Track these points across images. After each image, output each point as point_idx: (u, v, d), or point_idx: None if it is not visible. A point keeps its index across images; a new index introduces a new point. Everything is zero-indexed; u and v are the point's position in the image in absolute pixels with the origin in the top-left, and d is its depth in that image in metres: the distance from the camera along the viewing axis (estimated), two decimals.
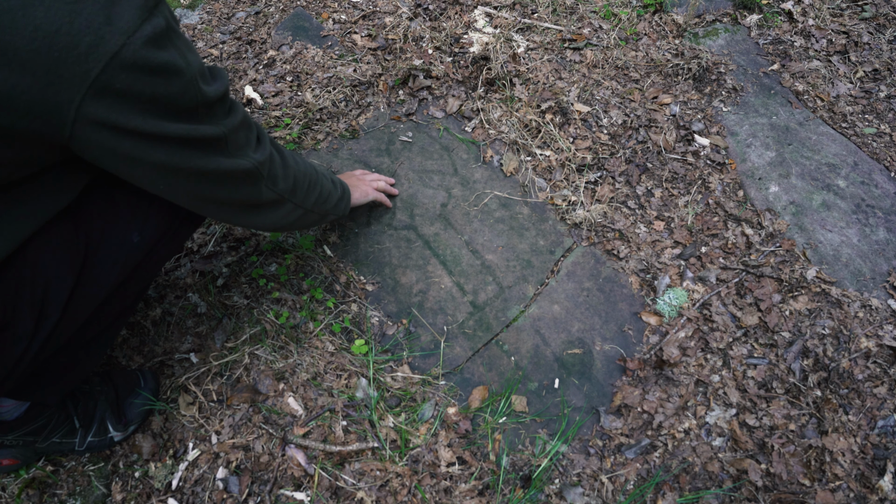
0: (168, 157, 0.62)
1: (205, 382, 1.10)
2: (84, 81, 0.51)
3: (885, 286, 1.25)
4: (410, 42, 1.66)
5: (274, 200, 0.82)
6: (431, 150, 1.47)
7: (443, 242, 1.32)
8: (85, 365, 0.87)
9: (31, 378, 0.80)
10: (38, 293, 0.66)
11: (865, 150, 1.50)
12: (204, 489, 1.00)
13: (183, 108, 0.60)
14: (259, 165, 0.74)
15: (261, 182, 0.77)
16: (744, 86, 1.62)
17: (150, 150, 0.60)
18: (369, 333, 1.19)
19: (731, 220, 1.36)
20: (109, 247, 0.73)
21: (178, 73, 0.57)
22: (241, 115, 0.71)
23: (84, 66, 0.51)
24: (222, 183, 0.72)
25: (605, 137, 1.48)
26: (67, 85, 0.51)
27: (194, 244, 1.28)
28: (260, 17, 1.80)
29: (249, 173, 0.74)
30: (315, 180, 0.93)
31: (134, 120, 0.56)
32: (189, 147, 0.63)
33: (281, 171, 0.81)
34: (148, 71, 0.54)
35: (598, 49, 1.68)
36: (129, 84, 0.54)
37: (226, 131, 0.67)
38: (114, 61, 0.52)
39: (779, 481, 1.01)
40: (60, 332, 0.72)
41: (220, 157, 0.68)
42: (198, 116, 0.62)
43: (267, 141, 0.79)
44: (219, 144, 0.67)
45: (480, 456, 1.06)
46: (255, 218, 0.84)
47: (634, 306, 1.24)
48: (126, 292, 0.82)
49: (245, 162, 0.72)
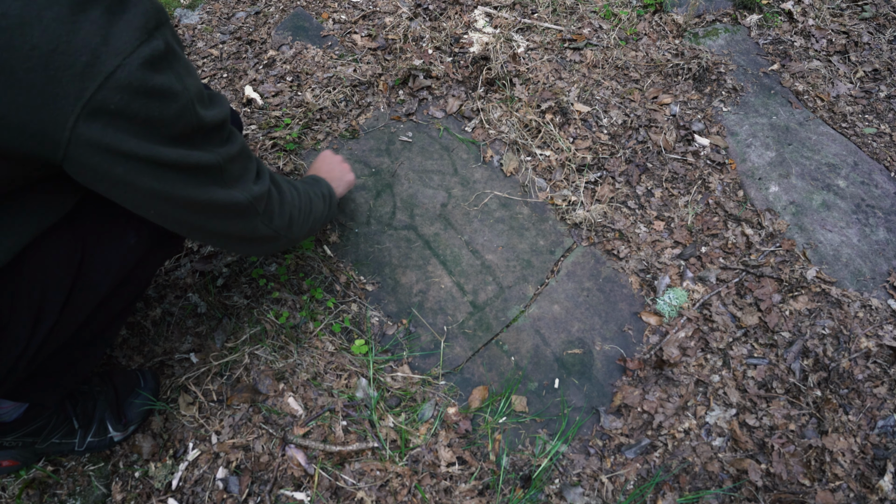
0: (160, 184, 0.61)
1: (205, 382, 1.10)
2: (79, 101, 0.51)
3: (885, 286, 1.25)
4: (410, 42, 1.66)
5: (268, 237, 0.80)
6: (431, 150, 1.47)
7: (443, 242, 1.32)
8: (83, 366, 0.87)
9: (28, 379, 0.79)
10: (35, 297, 0.66)
11: (865, 150, 1.50)
12: (204, 489, 1.00)
13: (178, 133, 0.59)
14: (255, 201, 0.72)
15: (256, 218, 0.75)
16: (744, 86, 1.62)
17: (142, 174, 0.59)
18: (369, 333, 1.19)
19: (731, 220, 1.36)
20: (106, 249, 0.73)
21: (173, 97, 0.56)
22: (240, 145, 0.69)
23: (79, 86, 0.50)
24: (215, 215, 0.69)
25: (605, 137, 1.48)
26: (62, 104, 0.51)
27: (194, 244, 1.28)
28: (260, 17, 1.80)
29: (244, 208, 0.71)
30: (309, 208, 0.90)
31: (127, 142, 0.56)
32: (182, 173, 0.62)
33: (277, 207, 0.79)
34: (143, 93, 0.54)
35: (598, 49, 1.68)
36: (124, 105, 0.53)
37: (221, 160, 0.65)
38: (108, 81, 0.51)
39: (779, 481, 1.01)
40: (58, 335, 0.71)
41: (215, 186, 0.66)
42: (192, 142, 0.61)
43: (267, 175, 0.77)
44: (213, 173, 0.65)
45: (480, 456, 1.06)
46: (246, 248, 0.82)
47: (634, 306, 1.24)
48: (123, 293, 0.81)
49: (240, 195, 0.69)
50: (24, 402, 0.86)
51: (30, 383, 0.80)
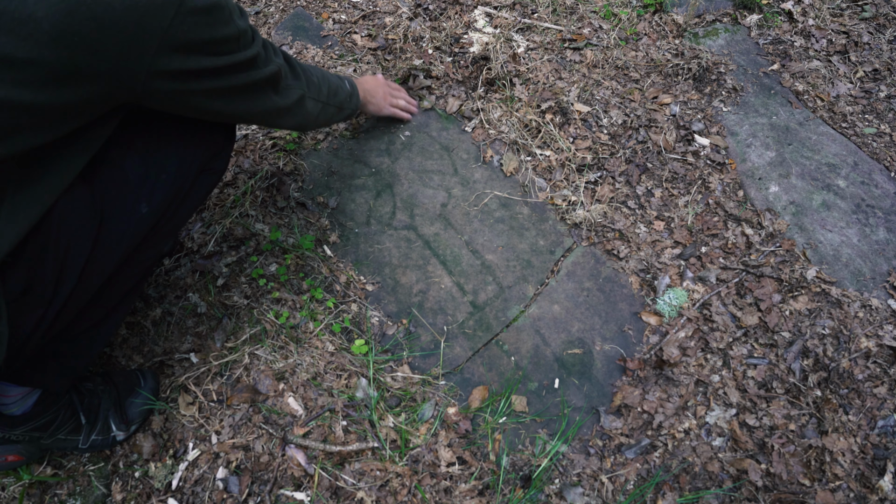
0: (225, 84, 0.74)
1: (205, 382, 1.10)
2: (160, 30, 0.60)
3: (885, 286, 1.25)
4: (410, 42, 1.66)
5: (297, 97, 0.93)
6: (431, 150, 1.47)
7: (443, 242, 1.32)
8: (89, 351, 0.89)
9: (35, 362, 0.81)
10: (60, 255, 0.69)
11: (865, 150, 1.50)
12: (204, 489, 1.00)
13: (229, 41, 0.70)
14: (280, 68, 0.86)
15: (280, 81, 0.87)
16: (744, 86, 1.62)
17: (213, 84, 0.72)
18: (369, 333, 1.19)
19: (731, 220, 1.36)
20: (121, 215, 0.76)
21: (221, 11, 0.67)
22: (260, 36, 0.82)
23: (161, 18, 0.59)
24: (263, 90, 0.83)
25: (605, 137, 1.48)
26: (149, 35, 0.59)
27: (194, 244, 1.28)
28: (260, 17, 1.80)
29: (276, 76, 0.85)
30: (321, 74, 1.05)
31: (199, 62, 0.67)
32: (239, 71, 0.75)
33: (291, 70, 0.94)
34: (203, 12, 0.64)
35: (598, 49, 1.68)
36: (190, 28, 0.63)
37: (258, 49, 0.78)
38: (181, 8, 0.60)
39: (779, 481, 1.01)
40: (73, 302, 0.73)
41: (258, 69, 0.79)
42: (239, 45, 0.73)
43: (278, 50, 0.90)
44: (254, 62, 0.77)
45: (480, 456, 1.06)
46: (286, 119, 0.95)
47: (634, 306, 1.24)
48: (130, 270, 0.84)
49: (274, 67, 0.83)
50: (35, 386, 0.87)
51: (37, 366, 0.82)
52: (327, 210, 1.36)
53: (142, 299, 1.19)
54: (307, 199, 1.37)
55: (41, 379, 0.85)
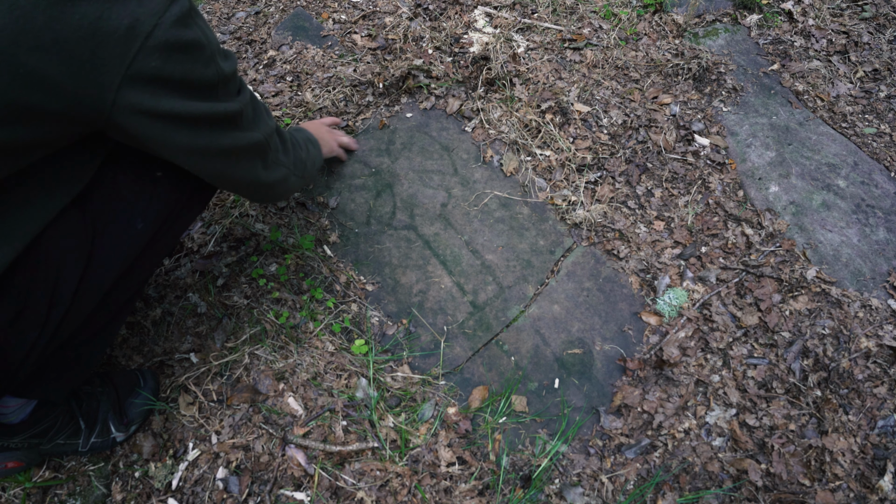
0: (194, 136, 0.67)
1: (205, 382, 1.10)
2: (122, 64, 0.55)
3: (885, 286, 1.25)
4: (410, 42, 1.66)
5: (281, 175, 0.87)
6: (431, 150, 1.47)
7: (443, 242, 1.32)
8: (89, 360, 0.88)
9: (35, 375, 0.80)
10: (52, 279, 0.67)
11: (865, 150, 1.50)
12: (204, 489, 1.00)
13: (206, 85, 0.64)
14: (269, 137, 0.80)
15: (270, 154, 0.82)
16: (744, 86, 1.62)
17: (179, 130, 0.65)
18: (369, 333, 1.19)
19: (731, 220, 1.36)
20: (115, 233, 0.75)
21: (201, 51, 0.61)
22: (249, 91, 0.76)
23: (123, 49, 0.54)
24: (242, 157, 0.76)
25: (605, 137, 1.48)
26: (109, 70, 0.55)
27: (194, 244, 1.28)
28: (260, 17, 1.80)
29: (263, 146, 0.79)
30: (297, 144, 0.97)
31: (166, 102, 0.60)
32: (214, 124, 0.68)
33: (281, 143, 0.87)
34: (177, 49, 0.58)
35: (598, 49, 1.68)
36: (161, 65, 0.57)
37: (242, 106, 0.71)
38: (148, 41, 0.55)
39: (779, 481, 1.01)
40: (69, 321, 0.72)
41: (239, 131, 0.72)
42: (218, 93, 0.66)
43: (269, 114, 0.84)
44: (237, 119, 0.71)
45: (480, 456, 1.06)
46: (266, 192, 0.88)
47: (634, 306, 1.24)
48: (129, 283, 0.82)
49: (259, 135, 0.77)
50: (33, 398, 0.86)
51: (37, 378, 0.81)
52: (327, 210, 1.36)
53: (142, 299, 1.19)
54: (307, 199, 1.37)
55: (41, 391, 0.84)
